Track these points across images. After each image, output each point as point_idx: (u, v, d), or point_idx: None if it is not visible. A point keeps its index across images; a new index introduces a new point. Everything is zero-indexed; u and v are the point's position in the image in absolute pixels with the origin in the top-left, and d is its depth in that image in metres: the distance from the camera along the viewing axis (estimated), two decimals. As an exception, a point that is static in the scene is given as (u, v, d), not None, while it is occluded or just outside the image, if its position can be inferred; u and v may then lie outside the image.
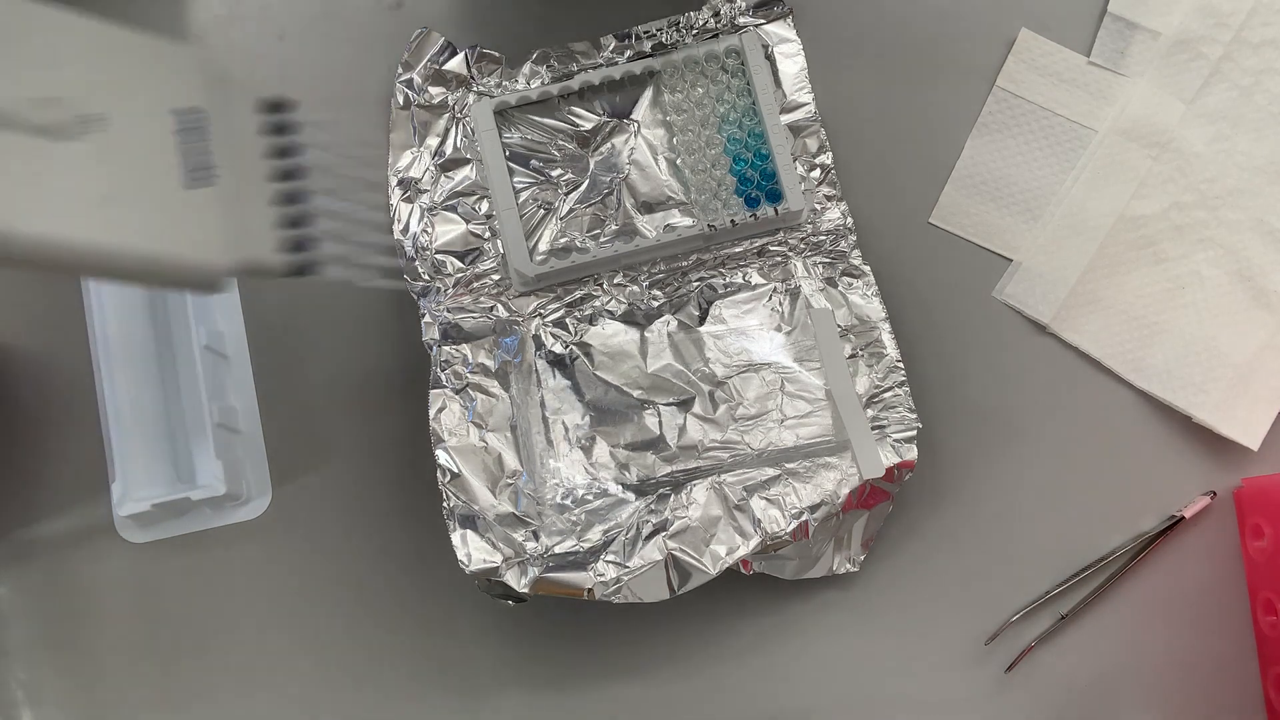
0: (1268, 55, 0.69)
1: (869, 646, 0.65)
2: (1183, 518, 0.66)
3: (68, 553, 0.66)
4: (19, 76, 0.50)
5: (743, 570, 0.62)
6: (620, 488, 0.64)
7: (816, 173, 0.68)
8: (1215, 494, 0.66)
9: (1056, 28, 0.70)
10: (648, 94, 0.69)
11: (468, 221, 0.67)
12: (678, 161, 0.68)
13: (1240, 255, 0.67)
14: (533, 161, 0.68)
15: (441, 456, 0.62)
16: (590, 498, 0.63)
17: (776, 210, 0.66)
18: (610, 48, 0.69)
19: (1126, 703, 0.65)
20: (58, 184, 0.50)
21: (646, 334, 0.66)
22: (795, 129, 0.68)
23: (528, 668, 0.65)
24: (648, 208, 0.68)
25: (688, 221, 0.67)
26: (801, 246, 0.67)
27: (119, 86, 0.53)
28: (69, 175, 0.50)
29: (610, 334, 0.66)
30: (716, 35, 0.69)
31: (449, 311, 0.66)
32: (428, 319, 0.65)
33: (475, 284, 0.66)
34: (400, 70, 0.69)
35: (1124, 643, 0.65)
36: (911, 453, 0.62)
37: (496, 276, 0.67)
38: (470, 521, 0.61)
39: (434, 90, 0.68)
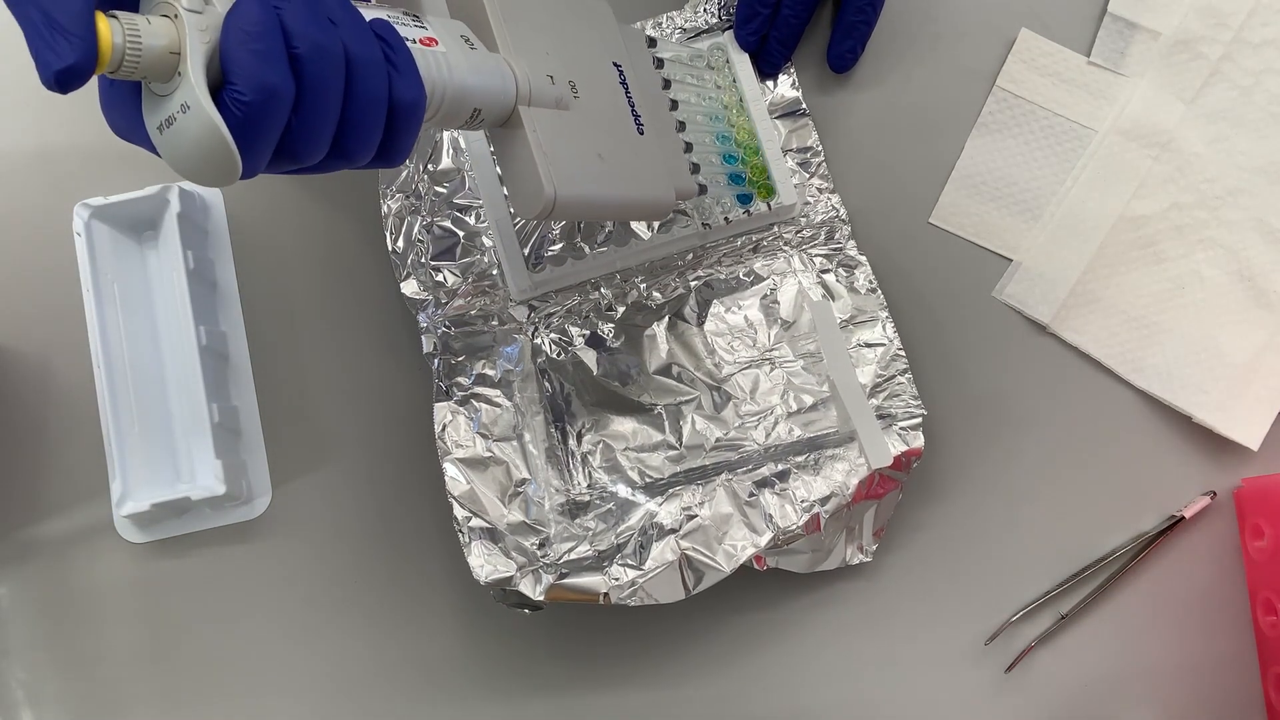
0: (1268, 55, 0.69)
1: (868, 644, 0.65)
2: (1183, 518, 0.66)
3: (68, 553, 0.67)
4: (532, 53, 0.52)
5: (756, 566, 0.62)
6: (629, 490, 0.64)
7: (808, 166, 0.68)
8: (1215, 494, 0.66)
9: (1056, 28, 0.70)
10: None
11: (463, 232, 0.67)
12: (669, 161, 0.68)
13: (1240, 255, 0.68)
14: None
15: (449, 470, 0.62)
16: (600, 501, 0.63)
17: (769, 205, 0.66)
18: None
19: (1126, 703, 0.65)
20: (573, 148, 0.53)
21: (647, 335, 0.66)
22: (785, 123, 0.68)
23: (535, 660, 0.66)
24: (642, 210, 0.68)
25: (682, 221, 0.67)
26: (797, 240, 0.67)
27: (577, 50, 0.56)
28: (576, 139, 0.53)
29: (610, 337, 0.66)
30: (700, 34, 0.69)
31: (448, 323, 0.65)
32: (426, 331, 0.65)
33: (473, 294, 0.66)
34: None
35: (1124, 643, 0.66)
36: (918, 440, 0.62)
37: (494, 286, 0.66)
38: (482, 533, 0.61)
39: None
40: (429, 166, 0.67)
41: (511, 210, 0.66)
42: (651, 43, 0.63)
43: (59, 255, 0.68)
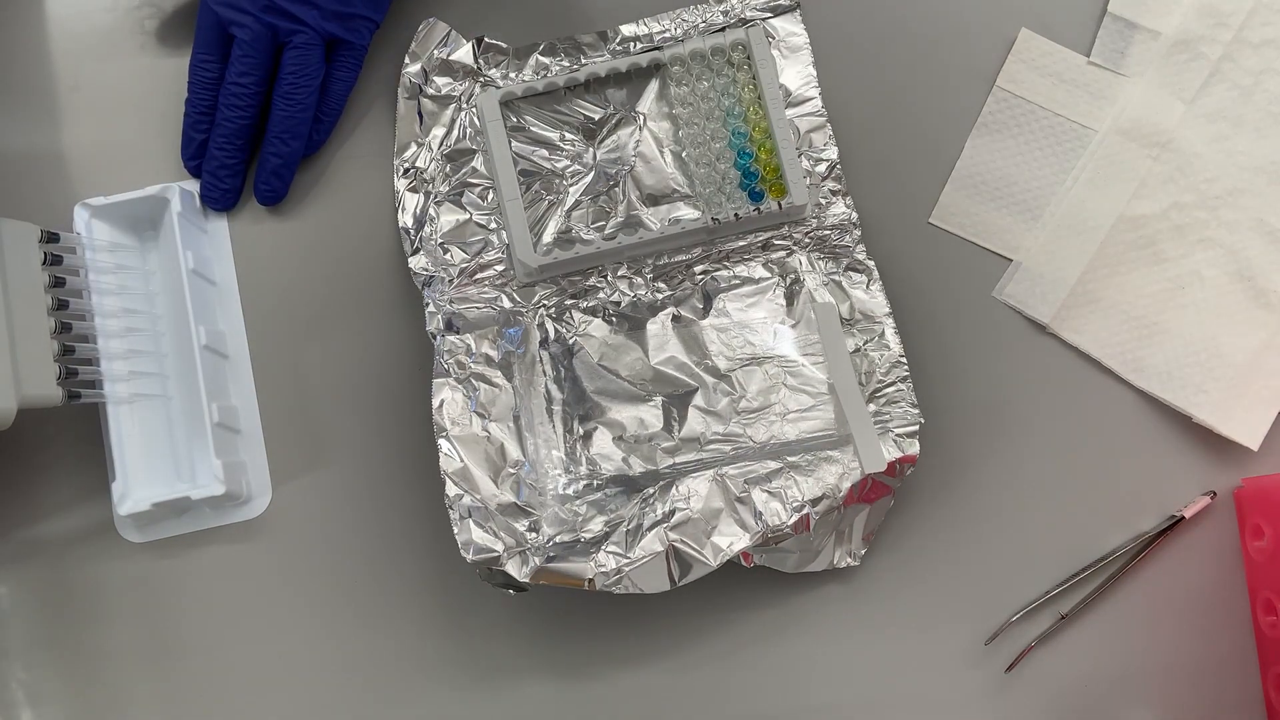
0: (1268, 55, 0.69)
1: (869, 643, 0.65)
2: (1183, 518, 0.66)
3: (68, 552, 0.66)
4: None
5: (743, 563, 0.62)
6: (622, 478, 0.64)
7: (822, 168, 0.68)
8: (1215, 494, 0.66)
9: (1056, 28, 0.70)
10: (654, 87, 0.69)
11: (473, 212, 0.67)
12: (683, 154, 0.68)
13: (1240, 255, 0.68)
14: (538, 153, 0.68)
15: (444, 446, 0.62)
16: (592, 488, 0.63)
17: (780, 204, 0.66)
18: (617, 40, 0.69)
19: (1126, 703, 0.65)
20: None
21: (650, 326, 0.66)
22: (801, 124, 0.68)
23: (530, 658, 0.65)
24: (652, 200, 0.68)
25: (692, 214, 0.67)
26: (806, 241, 0.67)
27: None
28: None
29: (613, 326, 0.66)
30: (723, 29, 0.69)
31: (453, 302, 0.66)
32: (432, 309, 0.65)
33: (480, 274, 0.67)
34: (407, 61, 0.69)
35: (1124, 643, 0.65)
36: (913, 447, 0.62)
37: (501, 267, 0.67)
38: (472, 511, 0.61)
39: (441, 81, 0.69)
40: (442, 145, 0.68)
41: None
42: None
43: (59, 255, 0.68)
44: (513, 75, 0.69)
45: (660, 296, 0.67)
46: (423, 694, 0.65)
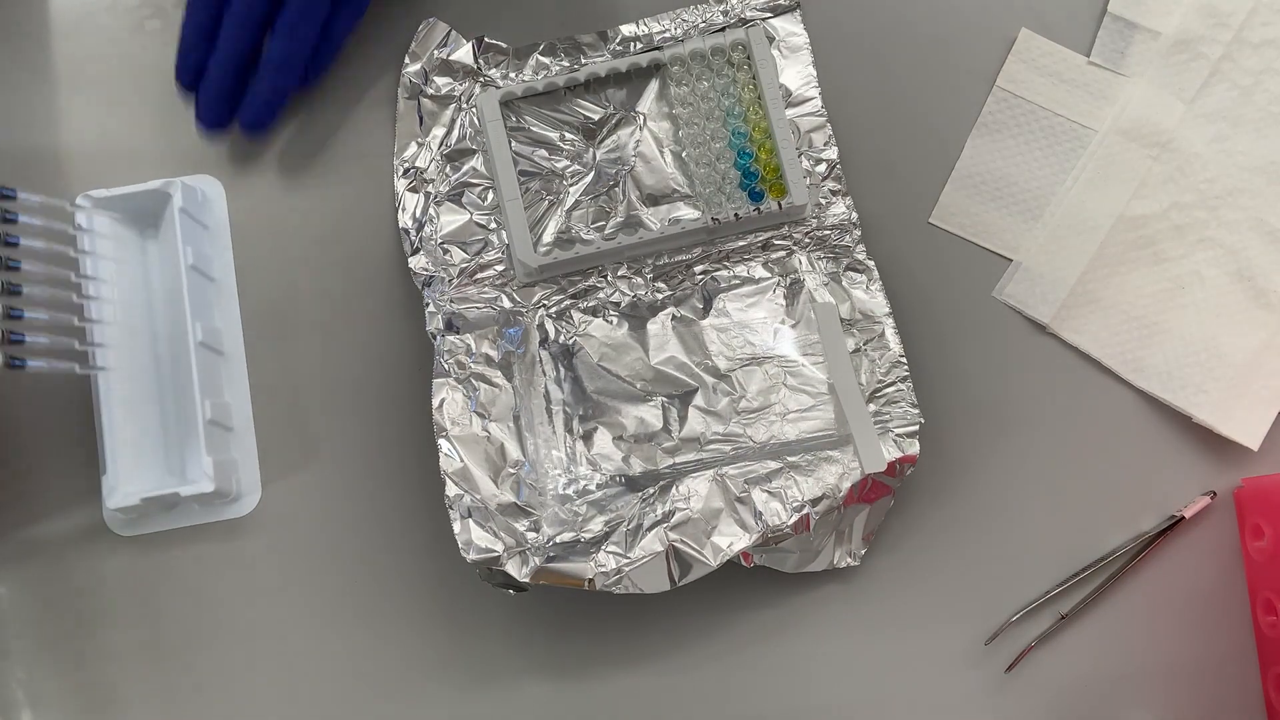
0: (1268, 55, 0.69)
1: (869, 643, 0.65)
2: (1183, 518, 0.66)
3: (65, 552, 0.66)
4: None
5: (743, 563, 0.62)
6: (622, 479, 0.64)
7: (822, 167, 0.68)
8: (1215, 494, 0.66)
9: (1056, 28, 0.70)
10: (654, 87, 0.69)
11: (473, 212, 0.67)
12: (683, 154, 0.68)
13: (1240, 255, 0.68)
14: (538, 153, 0.68)
15: (444, 446, 0.62)
16: (592, 488, 0.63)
17: (780, 204, 0.66)
18: (617, 40, 0.69)
19: (1126, 703, 0.65)
20: None
21: (650, 326, 0.66)
22: (801, 124, 0.68)
23: (528, 658, 0.65)
24: (652, 200, 0.68)
25: (692, 214, 0.67)
26: (806, 241, 0.67)
27: None
28: None
29: (614, 326, 0.66)
30: (723, 29, 0.69)
31: (453, 302, 0.66)
32: (432, 309, 0.65)
33: (480, 274, 0.66)
34: (407, 61, 0.69)
35: (1124, 643, 0.65)
36: (913, 447, 0.62)
37: (501, 267, 0.67)
38: (472, 511, 0.61)
39: (440, 81, 0.69)
40: (442, 145, 0.68)
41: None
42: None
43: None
44: (513, 75, 0.69)
45: (660, 296, 0.67)
46: (421, 694, 0.65)
